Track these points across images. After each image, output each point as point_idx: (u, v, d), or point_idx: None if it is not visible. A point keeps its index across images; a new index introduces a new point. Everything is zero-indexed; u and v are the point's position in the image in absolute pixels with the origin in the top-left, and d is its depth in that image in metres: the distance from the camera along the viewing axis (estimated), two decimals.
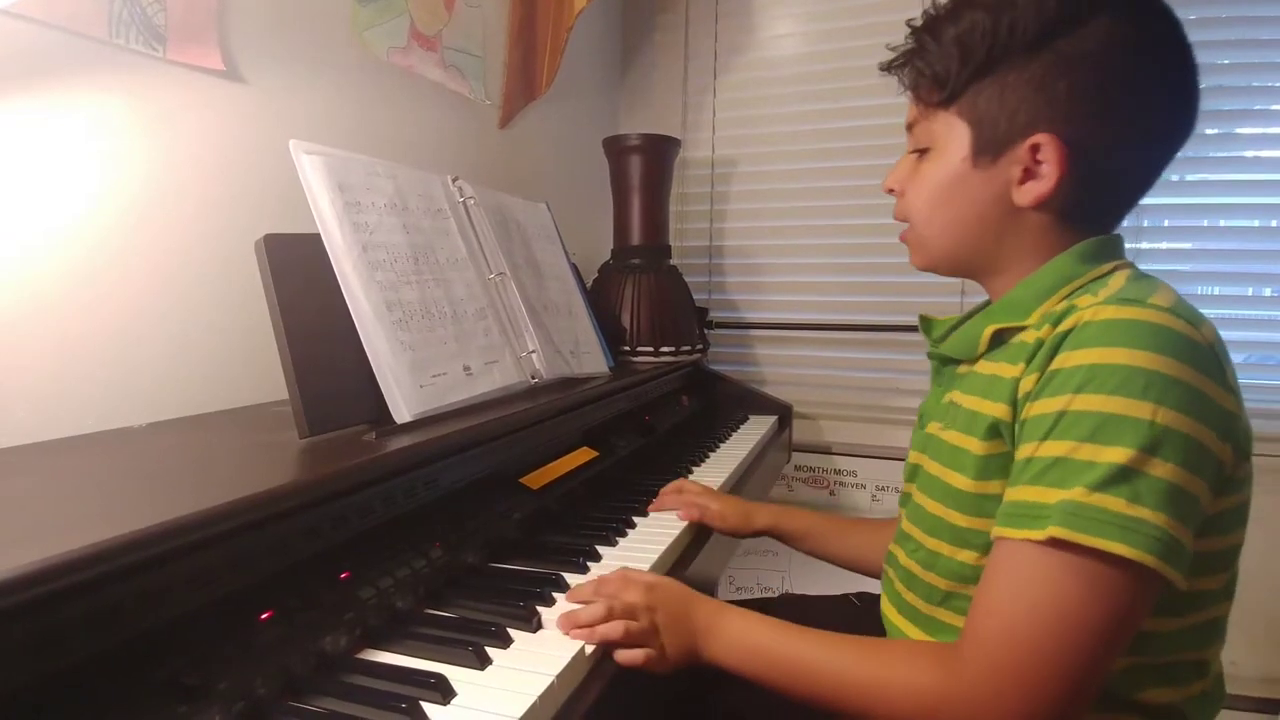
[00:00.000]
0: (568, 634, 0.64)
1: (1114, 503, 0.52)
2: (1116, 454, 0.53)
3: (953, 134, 0.68)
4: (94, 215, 0.85)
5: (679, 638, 0.67)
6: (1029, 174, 0.65)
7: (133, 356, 0.89)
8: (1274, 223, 1.69)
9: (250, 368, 0.98)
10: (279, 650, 0.53)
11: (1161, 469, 0.52)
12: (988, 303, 0.79)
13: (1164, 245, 1.75)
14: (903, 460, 0.82)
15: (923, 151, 0.72)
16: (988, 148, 0.66)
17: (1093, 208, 0.67)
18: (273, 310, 0.73)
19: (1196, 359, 0.55)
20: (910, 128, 0.74)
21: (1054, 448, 0.55)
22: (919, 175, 0.72)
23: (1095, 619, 0.53)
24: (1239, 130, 1.68)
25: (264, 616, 0.54)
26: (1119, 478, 0.52)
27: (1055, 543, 0.53)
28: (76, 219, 0.84)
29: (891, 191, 0.77)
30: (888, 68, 0.75)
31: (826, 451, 2.01)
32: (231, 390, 0.99)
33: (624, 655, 0.64)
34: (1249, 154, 1.69)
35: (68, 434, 0.79)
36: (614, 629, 0.64)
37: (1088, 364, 0.55)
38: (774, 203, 2.07)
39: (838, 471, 2.01)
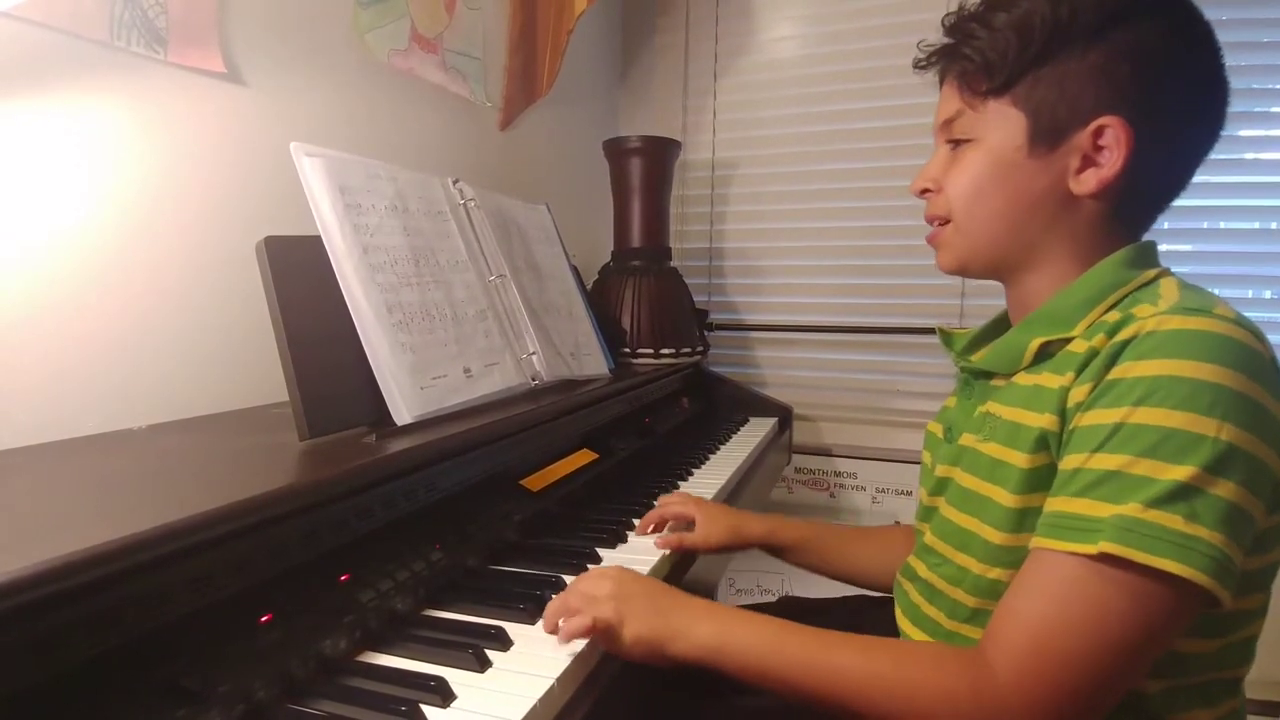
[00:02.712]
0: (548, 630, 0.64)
1: (1171, 520, 0.51)
2: (1179, 471, 0.51)
3: (1005, 123, 0.67)
4: (95, 217, 0.85)
5: (643, 614, 0.63)
6: (1088, 161, 0.64)
7: (133, 358, 0.89)
8: (1274, 225, 1.69)
9: (251, 370, 0.98)
10: (279, 653, 0.53)
11: (1223, 488, 0.51)
12: (1005, 314, 0.78)
13: (1164, 247, 1.71)
14: (904, 462, 0.81)
15: (961, 145, 0.70)
16: (1046, 135, 0.65)
17: (1141, 203, 0.67)
18: (273, 312, 0.73)
19: (1263, 374, 0.54)
20: (948, 124, 0.71)
21: (1108, 460, 0.54)
22: (961, 169, 0.70)
23: (1135, 635, 0.52)
24: (1240, 132, 1.68)
25: (264, 619, 0.54)
26: (1178, 495, 0.51)
27: (1105, 558, 0.51)
28: (78, 221, 0.84)
29: (925, 193, 0.74)
30: (928, 60, 0.73)
31: (827, 454, 2.01)
32: (232, 392, 0.99)
33: (568, 624, 0.62)
34: (1249, 156, 1.69)
35: (68, 436, 0.79)
36: (557, 601, 0.64)
37: (1150, 375, 0.54)
38: (774, 205, 2.07)
39: (838, 474, 2.00)
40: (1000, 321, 0.78)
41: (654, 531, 0.91)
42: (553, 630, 0.63)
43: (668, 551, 0.85)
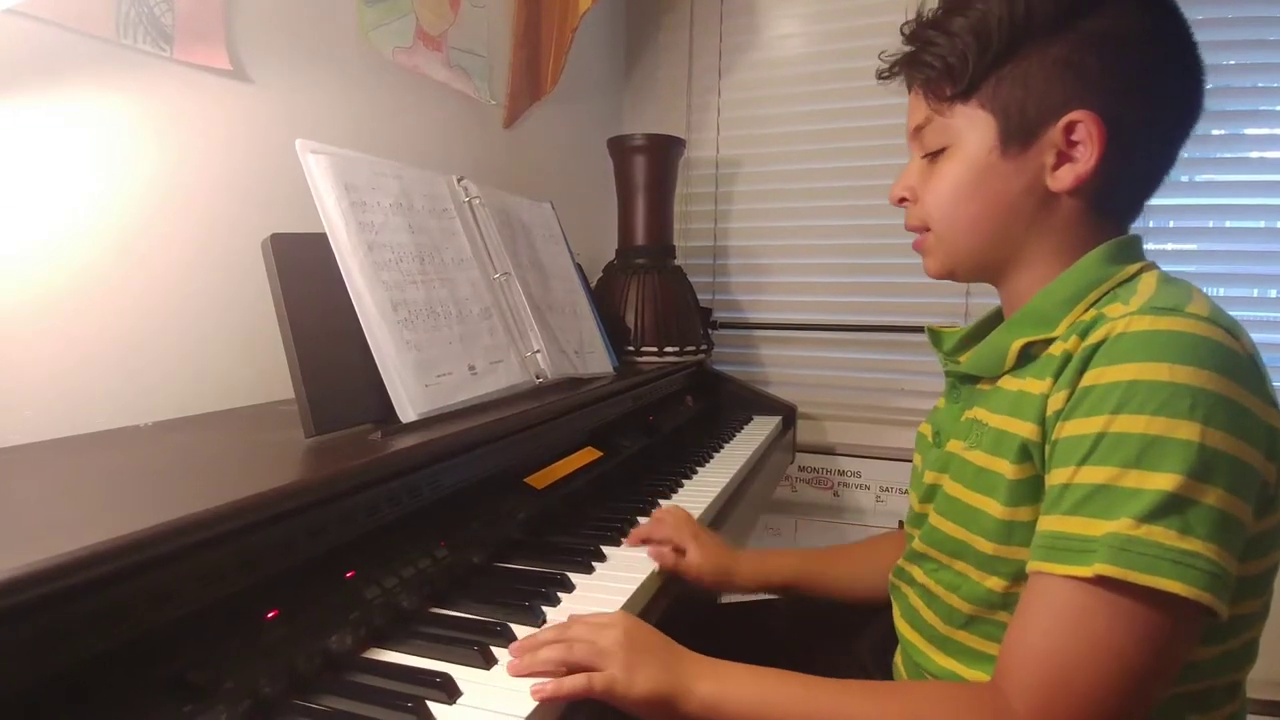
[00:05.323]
0: (512, 667, 0.58)
1: (1164, 535, 0.49)
2: (1164, 480, 0.50)
3: (974, 127, 0.66)
4: (101, 214, 0.86)
5: (653, 670, 0.59)
6: (1063, 158, 0.63)
7: (139, 355, 0.90)
8: (1279, 224, 1.68)
9: (256, 367, 0.99)
10: (285, 649, 0.53)
11: (1212, 495, 0.50)
12: (998, 310, 0.77)
13: (1169, 246, 1.75)
14: (908, 461, 0.80)
15: (936, 153, 0.69)
16: (1017, 135, 0.64)
17: (1123, 194, 0.66)
18: (279, 309, 0.73)
19: (1240, 373, 0.52)
20: (918, 131, 0.71)
21: (1094, 473, 0.52)
22: (937, 175, 0.69)
23: (1147, 657, 0.50)
24: (1245, 131, 1.68)
25: (270, 615, 0.54)
26: (1168, 507, 0.49)
27: (1103, 581, 0.50)
28: (84, 218, 0.84)
29: (902, 201, 0.74)
30: (889, 71, 0.72)
31: (830, 452, 2.01)
32: (238, 389, 0.99)
33: (563, 682, 0.56)
34: (1254, 155, 1.69)
35: (75, 432, 0.79)
36: (558, 649, 0.58)
37: (1125, 381, 0.52)
38: (778, 203, 2.07)
39: (841, 472, 2.00)
40: (990, 320, 0.76)
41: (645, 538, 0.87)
42: (523, 672, 0.57)
43: (657, 568, 0.81)
